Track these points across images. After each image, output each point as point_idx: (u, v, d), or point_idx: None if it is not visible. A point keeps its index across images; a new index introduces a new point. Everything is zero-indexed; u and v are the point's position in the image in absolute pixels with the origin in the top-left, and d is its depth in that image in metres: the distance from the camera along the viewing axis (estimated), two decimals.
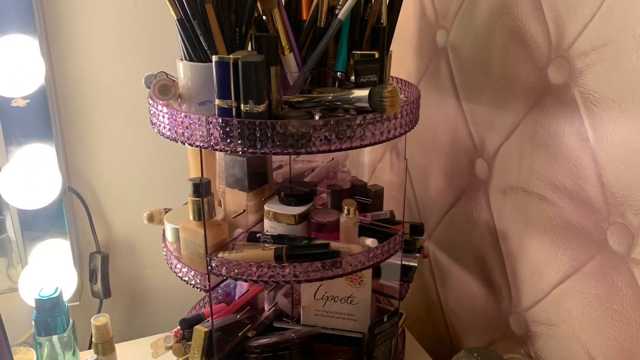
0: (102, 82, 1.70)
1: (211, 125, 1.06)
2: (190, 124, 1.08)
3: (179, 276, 1.29)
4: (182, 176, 1.75)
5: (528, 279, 1.38)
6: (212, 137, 1.06)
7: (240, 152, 1.06)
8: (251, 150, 1.05)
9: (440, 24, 1.56)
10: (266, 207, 1.32)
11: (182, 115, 1.09)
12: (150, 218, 1.40)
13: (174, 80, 1.22)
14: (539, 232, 1.32)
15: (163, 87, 1.18)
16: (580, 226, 1.20)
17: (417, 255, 1.45)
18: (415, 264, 1.44)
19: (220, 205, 1.40)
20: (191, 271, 1.25)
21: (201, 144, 1.08)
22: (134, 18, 1.67)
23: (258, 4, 1.19)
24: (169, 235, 1.35)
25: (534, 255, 1.34)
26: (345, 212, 1.29)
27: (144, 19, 1.68)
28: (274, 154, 1.07)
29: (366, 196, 1.46)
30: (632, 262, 1.09)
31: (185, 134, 1.10)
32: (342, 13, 1.17)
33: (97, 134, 1.75)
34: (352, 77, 1.18)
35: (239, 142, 1.05)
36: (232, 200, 1.36)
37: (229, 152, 1.10)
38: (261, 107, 1.04)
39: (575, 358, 1.27)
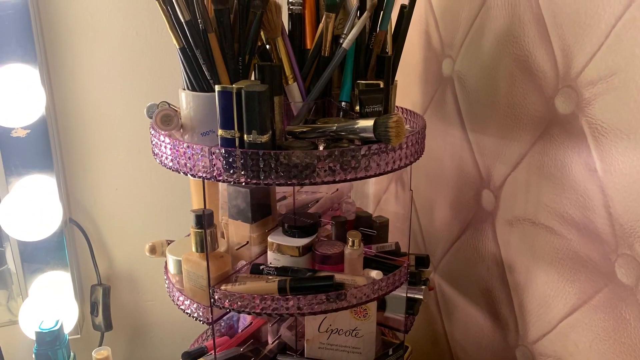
0: (103, 112, 1.70)
1: (214, 156, 1.05)
2: (192, 154, 1.07)
3: (182, 309, 1.28)
4: (184, 207, 1.73)
5: (535, 312, 1.36)
6: (214, 168, 1.05)
7: (243, 183, 1.05)
8: (254, 181, 1.04)
9: (446, 53, 1.55)
10: (270, 239, 1.30)
11: (185, 145, 1.08)
12: (152, 250, 1.39)
13: (176, 110, 1.21)
14: (546, 264, 1.30)
15: (165, 117, 1.17)
16: (588, 258, 1.19)
17: (423, 287, 1.43)
18: (421, 297, 1.42)
19: (223, 237, 1.38)
20: (194, 304, 1.24)
21: (204, 175, 1.07)
22: (136, 48, 1.67)
23: (261, 33, 1.18)
24: (171, 267, 1.33)
25: (541, 287, 1.33)
26: (350, 243, 1.28)
27: (146, 48, 1.68)
28: (278, 184, 1.06)
29: (371, 228, 1.45)
30: None
31: (188, 164, 1.09)
32: (346, 42, 1.17)
33: (98, 164, 1.74)
34: (357, 107, 1.17)
35: (242, 172, 1.04)
36: (235, 231, 1.35)
37: (231, 183, 1.08)
38: (264, 138, 1.03)
39: None
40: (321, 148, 1.09)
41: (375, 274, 1.27)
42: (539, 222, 1.30)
